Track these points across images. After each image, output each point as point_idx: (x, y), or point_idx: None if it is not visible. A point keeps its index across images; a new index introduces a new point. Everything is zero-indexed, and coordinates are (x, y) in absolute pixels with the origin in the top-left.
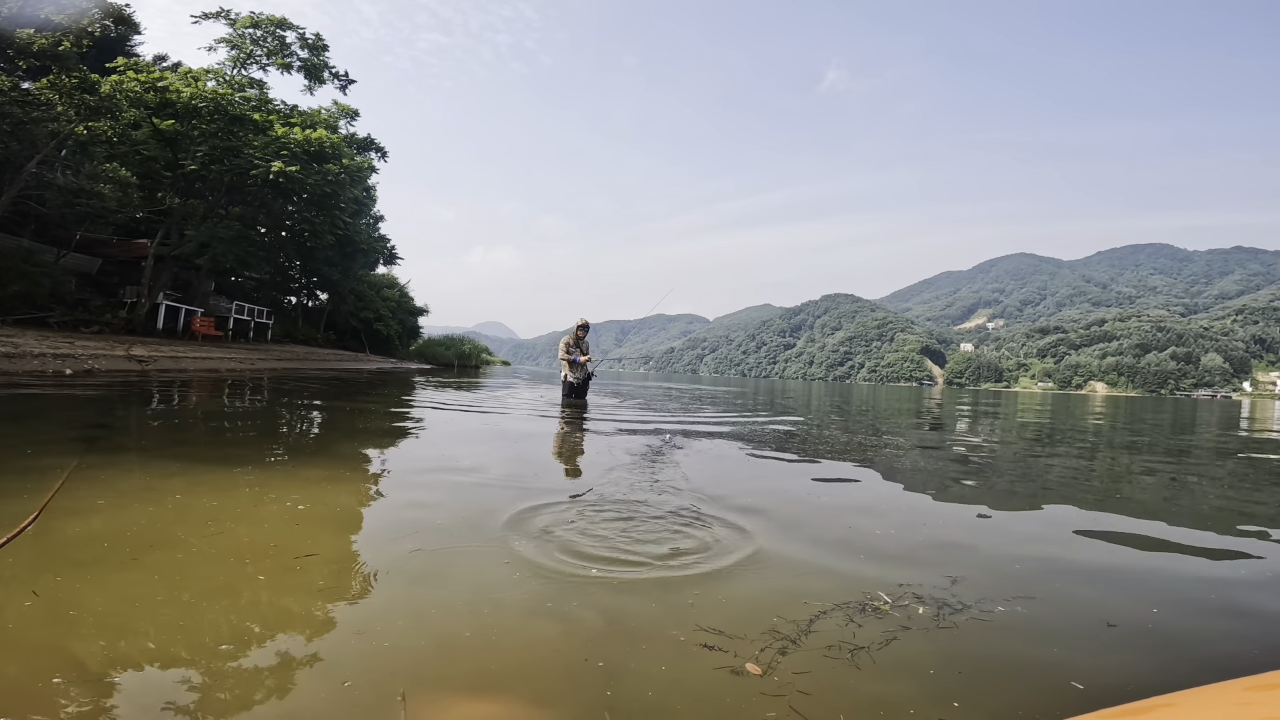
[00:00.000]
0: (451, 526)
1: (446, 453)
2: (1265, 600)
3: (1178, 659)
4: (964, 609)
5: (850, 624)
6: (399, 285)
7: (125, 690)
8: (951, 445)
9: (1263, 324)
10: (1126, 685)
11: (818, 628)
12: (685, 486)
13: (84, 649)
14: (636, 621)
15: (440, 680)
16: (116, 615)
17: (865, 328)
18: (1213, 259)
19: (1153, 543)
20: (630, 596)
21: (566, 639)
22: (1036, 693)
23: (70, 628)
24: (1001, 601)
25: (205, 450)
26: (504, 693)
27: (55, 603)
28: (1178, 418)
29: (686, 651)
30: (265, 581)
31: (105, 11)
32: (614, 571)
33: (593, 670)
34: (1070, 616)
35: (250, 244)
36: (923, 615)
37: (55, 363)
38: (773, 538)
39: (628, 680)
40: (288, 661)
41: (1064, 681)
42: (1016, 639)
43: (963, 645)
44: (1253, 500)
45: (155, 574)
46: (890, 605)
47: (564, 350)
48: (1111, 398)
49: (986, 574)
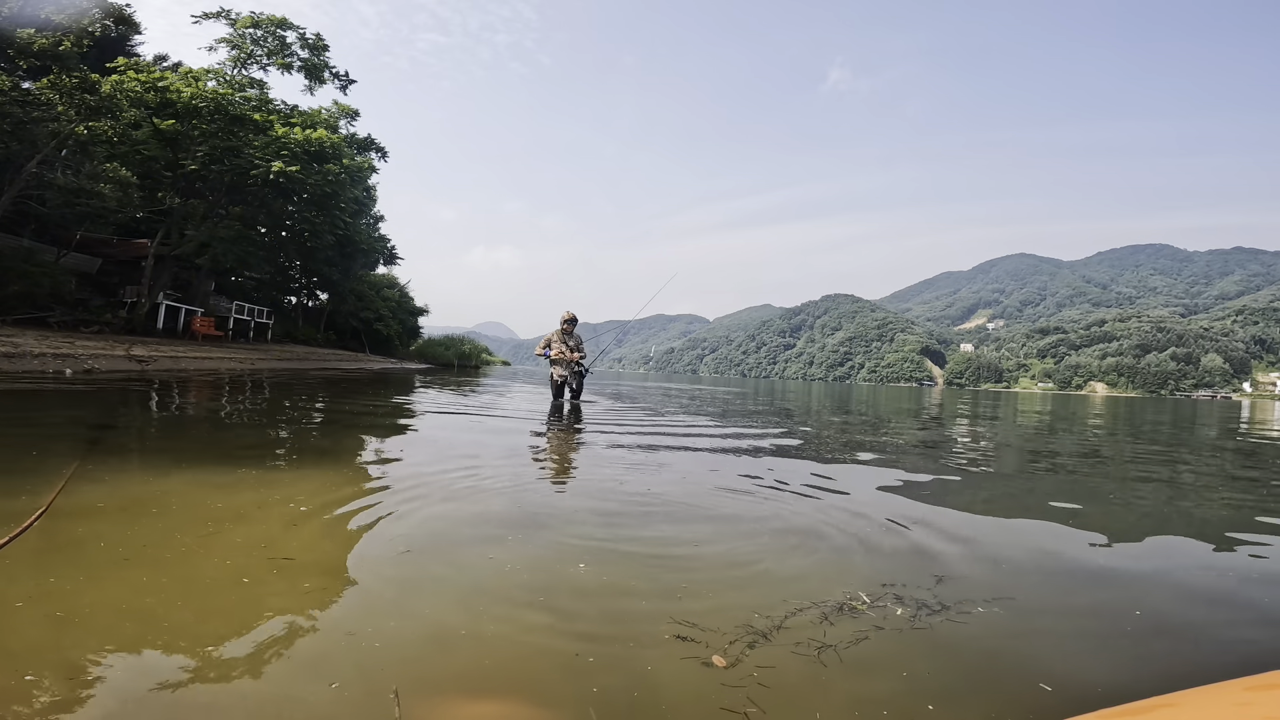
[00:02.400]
0: (446, 529)
1: (444, 454)
2: (1251, 603)
3: (1154, 662)
4: (941, 610)
5: (824, 622)
6: (399, 285)
7: (104, 695)
8: (951, 445)
9: (1263, 324)
10: (1095, 687)
11: (791, 624)
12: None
13: (69, 651)
14: (626, 617)
15: (434, 678)
16: (105, 617)
17: (865, 328)
18: (1213, 259)
19: (1149, 543)
20: (623, 598)
21: (560, 637)
22: (1000, 692)
23: (57, 629)
24: (981, 603)
25: (204, 450)
26: (495, 685)
27: (46, 604)
28: (1178, 418)
29: (661, 643)
30: (260, 583)
31: (105, 11)
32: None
33: (583, 664)
34: (1048, 618)
35: (250, 244)
36: (899, 616)
37: (55, 363)
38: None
39: (614, 676)
40: (279, 662)
41: (1032, 683)
42: (988, 640)
43: (932, 646)
44: (1253, 500)
45: (147, 574)
46: (868, 605)
47: (540, 347)
48: (1111, 398)
49: (973, 575)
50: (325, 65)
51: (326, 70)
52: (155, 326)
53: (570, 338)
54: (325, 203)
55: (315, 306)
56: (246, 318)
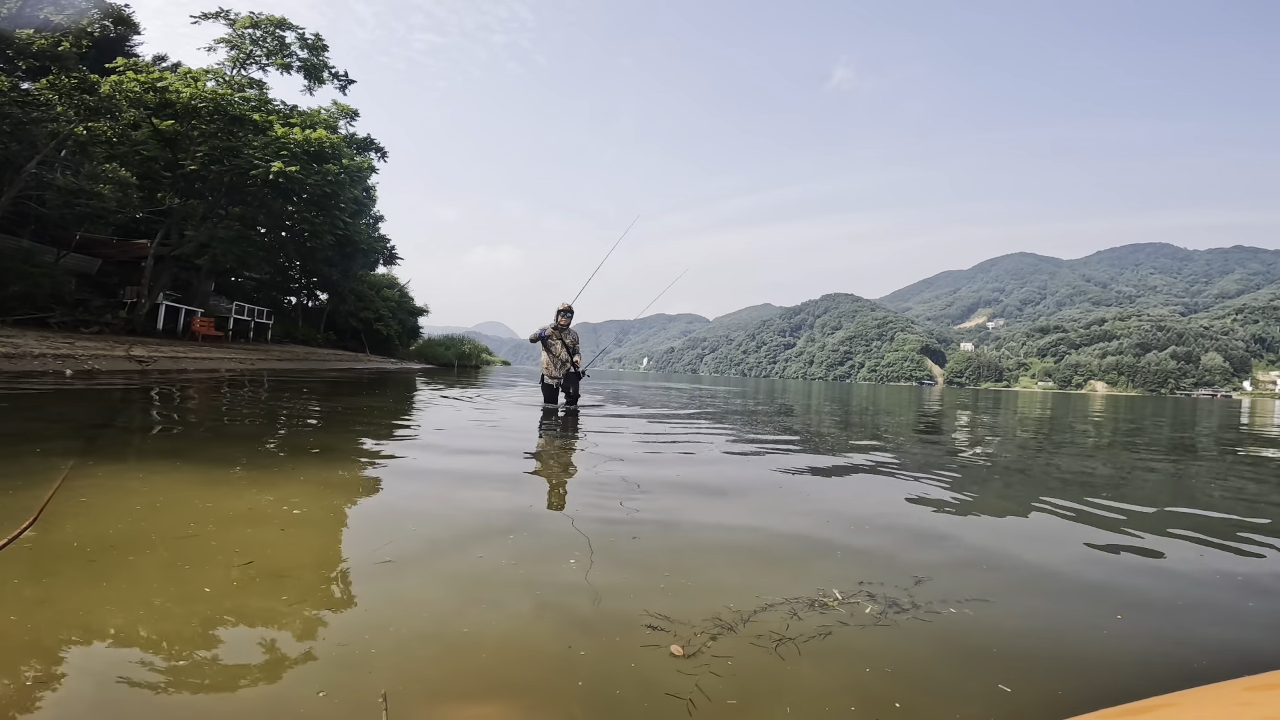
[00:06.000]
0: (441, 534)
1: (443, 455)
2: (1236, 607)
3: (1125, 670)
4: (911, 609)
5: (792, 617)
6: (399, 285)
7: (84, 702)
8: (951, 446)
9: (1263, 323)
10: (1055, 691)
11: (759, 618)
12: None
13: (51, 655)
14: (607, 617)
15: (423, 682)
16: (91, 622)
17: (865, 327)
18: (1213, 258)
19: (1145, 545)
20: (612, 598)
21: (554, 639)
22: (954, 692)
23: (42, 633)
24: (954, 603)
25: (202, 452)
26: (486, 688)
27: (35, 608)
28: (1178, 417)
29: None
30: (250, 588)
31: (105, 12)
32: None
33: (574, 657)
34: (1021, 620)
35: (250, 244)
36: (867, 613)
37: (55, 363)
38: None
39: (600, 667)
40: (268, 668)
41: (990, 685)
42: (951, 640)
43: (891, 644)
44: (1248, 501)
45: (136, 579)
46: (839, 601)
47: (537, 332)
48: (1112, 397)
49: (953, 575)
50: (324, 65)
51: (326, 70)
52: (155, 327)
53: (566, 334)
54: (325, 203)
55: (315, 306)
56: (246, 318)
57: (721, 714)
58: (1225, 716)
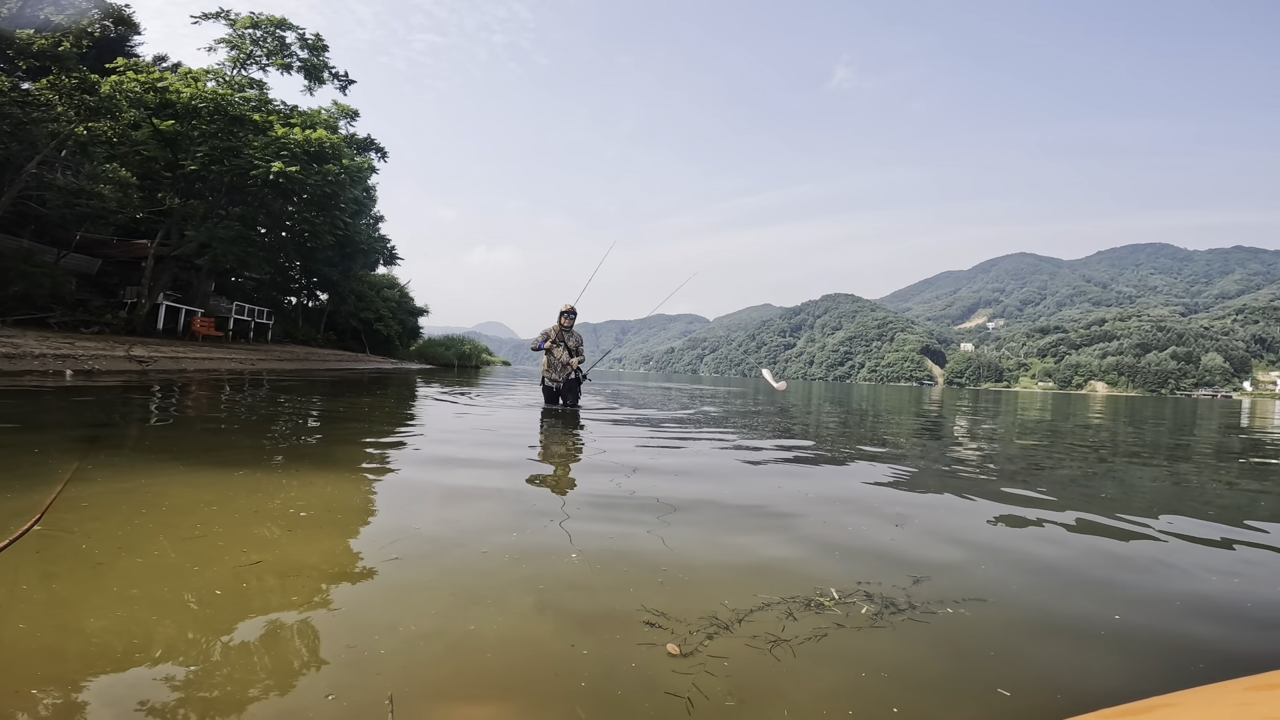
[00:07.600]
0: (445, 532)
1: (444, 455)
2: (1236, 608)
3: (1127, 666)
4: (907, 609)
5: (787, 618)
6: (399, 285)
7: (90, 705)
8: (951, 445)
9: (1263, 323)
10: (1056, 694)
11: (755, 618)
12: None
13: (57, 659)
14: (607, 615)
15: (430, 683)
16: (95, 623)
17: (865, 327)
18: (1213, 258)
19: (1144, 545)
20: (612, 595)
21: (556, 637)
22: (950, 694)
23: (47, 636)
24: (950, 604)
25: (203, 453)
26: (492, 687)
27: (39, 610)
28: (1178, 418)
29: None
30: (255, 589)
31: (105, 12)
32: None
33: (576, 656)
34: (1019, 620)
35: (250, 244)
36: (863, 614)
37: (56, 363)
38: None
39: (601, 667)
40: (278, 671)
41: (989, 687)
42: (945, 642)
43: (888, 645)
44: (1249, 501)
45: (139, 580)
46: (835, 602)
47: (537, 342)
48: (1112, 397)
49: (952, 575)
50: (325, 65)
51: (326, 70)
52: (155, 327)
53: (570, 335)
54: (325, 203)
55: (315, 307)
56: (246, 318)
57: (721, 714)
58: (1225, 716)
